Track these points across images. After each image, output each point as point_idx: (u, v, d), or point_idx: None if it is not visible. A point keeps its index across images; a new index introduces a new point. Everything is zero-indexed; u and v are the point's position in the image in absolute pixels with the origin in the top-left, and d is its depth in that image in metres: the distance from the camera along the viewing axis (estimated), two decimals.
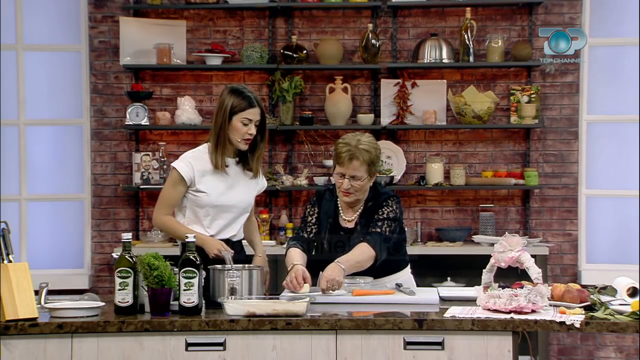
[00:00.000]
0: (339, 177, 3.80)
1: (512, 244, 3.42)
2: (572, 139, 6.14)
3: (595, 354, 6.08)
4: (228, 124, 3.83)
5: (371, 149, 3.78)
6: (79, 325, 3.24)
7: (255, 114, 3.85)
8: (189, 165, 3.86)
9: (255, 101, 3.85)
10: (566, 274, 6.09)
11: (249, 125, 3.83)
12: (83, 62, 6.23)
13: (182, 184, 3.86)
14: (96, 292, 4.51)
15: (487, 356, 3.22)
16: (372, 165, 3.79)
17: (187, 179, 3.84)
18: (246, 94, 3.86)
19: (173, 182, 3.88)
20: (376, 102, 6.16)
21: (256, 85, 6.23)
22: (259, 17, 6.23)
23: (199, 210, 3.88)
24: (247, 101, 3.83)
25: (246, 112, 3.83)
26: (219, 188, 3.87)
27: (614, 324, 3.20)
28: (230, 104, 3.83)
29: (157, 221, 3.93)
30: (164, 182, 4.03)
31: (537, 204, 6.15)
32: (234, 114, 3.83)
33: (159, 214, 3.91)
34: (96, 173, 6.23)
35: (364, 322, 3.25)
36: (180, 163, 3.88)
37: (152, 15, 6.21)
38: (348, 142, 3.78)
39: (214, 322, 3.26)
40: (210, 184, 3.86)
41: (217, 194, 3.86)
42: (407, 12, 6.19)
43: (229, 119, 3.82)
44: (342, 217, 3.90)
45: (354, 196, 3.81)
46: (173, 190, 3.89)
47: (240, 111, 3.83)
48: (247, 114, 3.83)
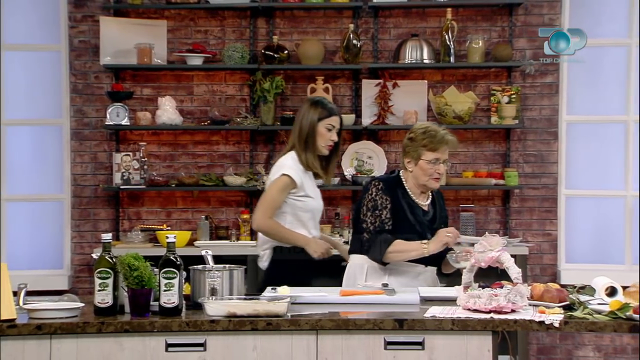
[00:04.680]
0: (432, 163, 3.89)
1: (492, 244, 3.43)
2: (551, 140, 6.18)
3: (574, 353, 6.11)
4: (314, 130, 4.22)
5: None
6: (58, 326, 3.22)
7: (337, 121, 4.27)
8: (295, 171, 4.18)
9: (336, 110, 4.29)
10: (546, 273, 6.12)
11: (332, 132, 4.24)
12: (63, 61, 6.19)
13: (289, 189, 4.18)
14: (76, 293, 4.48)
15: (467, 356, 3.24)
16: None
17: (298, 183, 4.17)
18: (328, 104, 4.32)
19: (282, 187, 4.18)
20: (357, 103, 6.17)
21: (237, 86, 6.22)
22: (240, 17, 6.22)
23: (303, 214, 4.23)
24: (331, 109, 4.28)
25: (330, 119, 4.25)
26: (317, 191, 4.31)
27: (592, 324, 3.23)
28: (317, 113, 4.24)
29: (263, 224, 4.20)
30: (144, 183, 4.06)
31: (517, 204, 6.18)
32: (320, 121, 4.23)
33: (264, 217, 4.18)
34: (76, 173, 6.20)
35: (345, 322, 3.25)
36: (289, 169, 4.19)
37: (132, 15, 6.18)
38: (436, 129, 3.95)
39: (195, 323, 3.25)
40: (312, 189, 4.24)
41: (319, 197, 4.31)
42: (388, 13, 6.21)
43: (315, 126, 4.22)
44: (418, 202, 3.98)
45: (439, 182, 3.97)
46: (281, 195, 4.19)
47: (324, 118, 4.24)
48: (330, 121, 4.24)
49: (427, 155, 3.91)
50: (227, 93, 6.24)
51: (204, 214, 6.13)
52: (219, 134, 6.23)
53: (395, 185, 3.97)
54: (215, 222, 6.14)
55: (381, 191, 3.91)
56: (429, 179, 3.93)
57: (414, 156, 3.94)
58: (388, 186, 3.94)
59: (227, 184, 6.04)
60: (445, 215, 4.09)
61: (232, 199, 6.23)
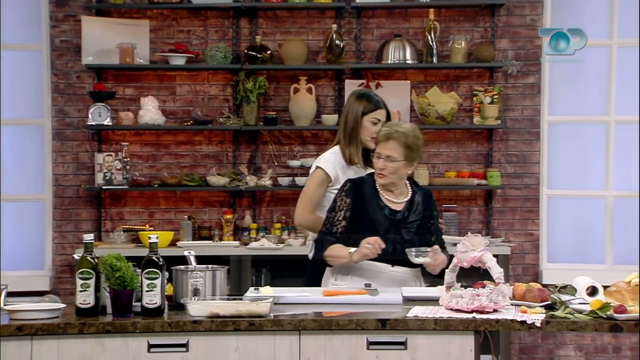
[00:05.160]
0: (376, 157, 3.89)
1: (475, 244, 3.45)
2: (533, 140, 6.20)
3: (555, 352, 6.15)
4: (359, 124, 4.12)
5: (409, 134, 3.88)
6: (39, 328, 3.20)
7: (383, 114, 4.17)
8: (332, 164, 4.13)
9: (382, 103, 4.18)
10: (528, 273, 6.15)
11: (377, 125, 4.11)
12: (44, 61, 6.16)
13: (325, 183, 4.12)
14: (57, 294, 4.45)
15: (449, 355, 3.25)
16: (410, 150, 3.85)
17: (332, 177, 4.10)
18: (374, 97, 4.21)
19: (318, 181, 4.14)
20: (340, 103, 6.17)
21: (220, 86, 6.21)
22: (222, 17, 6.21)
23: None
24: (376, 103, 4.16)
25: (375, 113, 4.14)
26: None
27: (573, 323, 3.24)
28: (362, 106, 4.14)
29: (303, 220, 4.16)
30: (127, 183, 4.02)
31: (500, 204, 6.20)
32: (364, 115, 4.13)
33: (305, 212, 4.15)
34: (57, 173, 6.16)
35: (327, 323, 3.25)
36: (324, 162, 4.14)
37: (114, 15, 6.16)
38: (389, 126, 3.95)
39: (177, 323, 3.24)
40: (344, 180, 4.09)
41: None
42: (371, 13, 6.21)
43: (360, 119, 4.12)
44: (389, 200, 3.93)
45: (387, 178, 3.88)
46: (318, 189, 4.14)
47: (369, 112, 4.14)
48: (376, 114, 4.14)
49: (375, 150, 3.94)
50: (209, 93, 6.23)
51: (187, 214, 6.11)
52: (202, 134, 6.22)
53: (365, 184, 3.95)
54: (198, 222, 6.12)
55: (344, 193, 3.93)
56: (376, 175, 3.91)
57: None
58: (355, 186, 3.94)
59: (210, 184, 6.02)
60: (431, 215, 4.00)
61: (215, 199, 6.22)
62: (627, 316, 3.20)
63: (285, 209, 6.18)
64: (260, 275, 5.85)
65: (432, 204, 4.02)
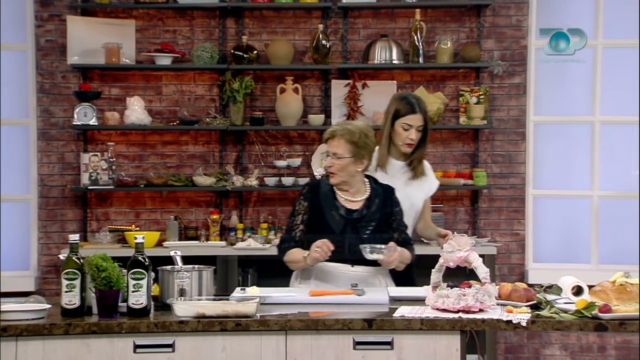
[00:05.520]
0: (325, 156, 3.90)
1: (461, 243, 3.45)
2: (519, 140, 6.23)
3: (541, 352, 6.17)
4: (392, 127, 4.08)
5: (356, 131, 3.86)
6: (24, 328, 3.19)
7: (416, 119, 4.07)
8: None
9: (417, 107, 4.08)
10: (514, 273, 6.17)
11: (409, 130, 4.07)
12: (29, 61, 6.13)
13: None
14: (42, 295, 4.42)
15: (435, 355, 3.25)
16: (357, 147, 3.84)
17: None
18: (410, 100, 4.10)
19: None
20: (327, 103, 6.18)
21: (206, 86, 6.20)
22: (209, 17, 6.20)
23: None
24: (409, 107, 4.07)
25: (406, 118, 4.06)
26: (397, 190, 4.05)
27: (559, 322, 3.25)
28: (394, 109, 4.09)
29: None
30: (112, 183, 4.02)
31: (486, 204, 6.22)
32: (396, 119, 4.08)
33: None
34: (43, 174, 6.14)
35: (314, 323, 3.25)
36: None
37: (100, 15, 6.14)
38: (339, 124, 3.95)
39: (163, 324, 3.23)
40: None
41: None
42: (357, 13, 6.22)
43: (392, 123, 4.08)
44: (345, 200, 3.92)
45: (337, 177, 3.88)
46: None
47: (401, 116, 4.07)
48: (407, 119, 4.06)
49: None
50: (196, 93, 6.22)
51: (173, 215, 6.10)
52: (188, 134, 6.21)
53: (322, 185, 3.95)
54: (185, 222, 6.11)
55: (302, 196, 3.95)
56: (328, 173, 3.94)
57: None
58: (312, 189, 3.96)
59: (197, 184, 6.01)
60: (391, 211, 3.95)
61: (202, 200, 6.21)
62: (612, 315, 3.22)
63: (272, 209, 6.18)
64: (247, 276, 5.85)
65: (392, 200, 3.98)
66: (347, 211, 3.91)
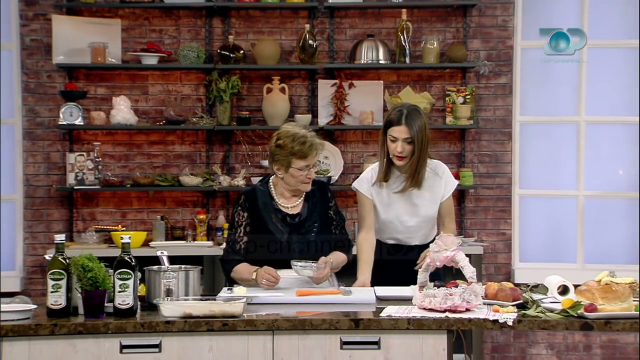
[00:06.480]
0: (303, 170, 3.80)
1: (447, 243, 3.46)
2: (505, 140, 6.25)
3: (527, 351, 6.19)
4: (384, 138, 3.95)
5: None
6: (9, 329, 3.17)
7: (400, 131, 3.88)
8: (363, 182, 4.03)
9: (403, 119, 3.88)
10: (500, 272, 6.19)
11: (396, 143, 3.89)
12: (14, 60, 6.10)
13: (366, 201, 4.02)
14: (28, 295, 4.40)
15: (422, 355, 3.26)
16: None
17: (367, 194, 4.02)
18: (397, 111, 3.92)
19: (359, 200, 4.08)
20: (313, 103, 6.18)
21: (193, 85, 6.19)
22: (195, 17, 6.19)
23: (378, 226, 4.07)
24: (395, 118, 3.90)
25: (391, 129, 3.91)
26: (392, 204, 4.03)
27: (545, 322, 3.27)
28: (385, 120, 3.96)
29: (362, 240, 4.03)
30: (99, 183, 4.01)
31: (472, 204, 6.24)
32: (386, 129, 3.93)
33: (360, 232, 4.07)
34: (28, 173, 6.11)
35: (301, 322, 3.25)
36: (356, 182, 4.08)
37: (86, 14, 6.11)
38: (304, 135, 3.80)
39: (149, 324, 3.22)
40: (383, 201, 4.02)
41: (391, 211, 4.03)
42: (343, 13, 6.22)
43: (384, 134, 3.95)
44: (282, 205, 3.90)
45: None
46: (362, 209, 4.05)
47: (387, 128, 3.92)
48: (391, 131, 3.91)
49: (297, 163, 3.79)
50: (182, 93, 6.20)
51: (160, 215, 6.09)
52: (175, 134, 6.19)
53: (259, 195, 3.90)
54: (171, 222, 6.10)
55: (240, 207, 3.90)
56: (301, 184, 3.85)
57: (283, 164, 3.81)
58: (250, 198, 3.89)
59: (183, 184, 6.00)
60: (327, 206, 3.94)
61: (188, 199, 6.20)
62: (597, 315, 3.23)
63: None
64: None
65: (326, 194, 3.96)
66: (288, 217, 3.89)
